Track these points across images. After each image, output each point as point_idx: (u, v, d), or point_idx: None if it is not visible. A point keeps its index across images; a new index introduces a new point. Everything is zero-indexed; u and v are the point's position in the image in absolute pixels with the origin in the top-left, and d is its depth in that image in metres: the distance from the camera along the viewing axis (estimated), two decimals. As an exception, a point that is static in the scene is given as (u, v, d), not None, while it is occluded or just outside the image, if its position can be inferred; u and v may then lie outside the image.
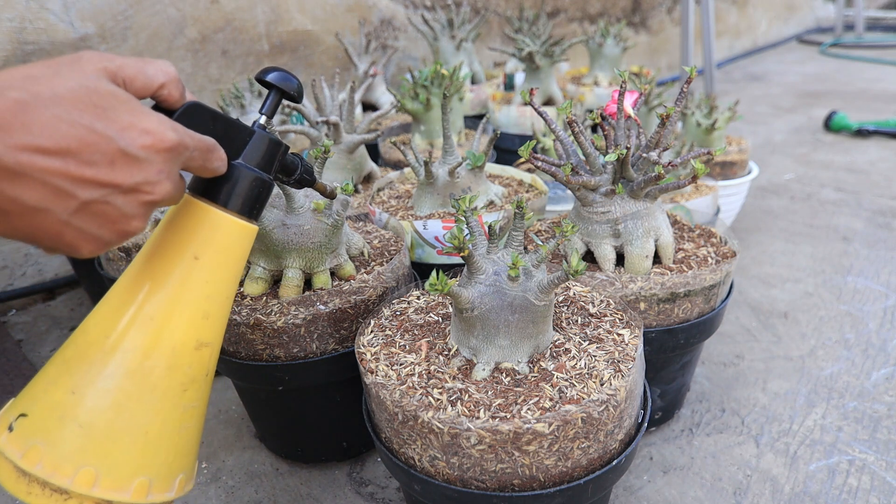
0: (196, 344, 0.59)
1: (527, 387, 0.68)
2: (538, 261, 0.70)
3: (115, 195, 0.46)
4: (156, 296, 0.57)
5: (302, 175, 0.70)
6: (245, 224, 0.60)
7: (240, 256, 0.61)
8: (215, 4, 1.83)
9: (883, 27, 5.37)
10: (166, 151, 0.48)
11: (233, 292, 0.62)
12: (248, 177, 0.59)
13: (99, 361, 0.55)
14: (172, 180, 0.50)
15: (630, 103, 0.91)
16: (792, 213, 1.93)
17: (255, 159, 0.60)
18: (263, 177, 0.61)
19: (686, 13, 2.92)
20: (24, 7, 1.45)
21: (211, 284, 0.59)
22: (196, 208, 0.58)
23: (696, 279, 0.89)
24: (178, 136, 0.49)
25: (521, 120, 1.83)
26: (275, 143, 0.62)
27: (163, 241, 0.58)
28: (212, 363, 0.61)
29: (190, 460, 0.62)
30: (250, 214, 0.61)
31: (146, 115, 0.48)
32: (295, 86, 0.64)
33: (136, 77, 0.51)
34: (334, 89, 1.28)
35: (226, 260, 0.60)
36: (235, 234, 0.60)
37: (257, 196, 0.61)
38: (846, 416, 1.08)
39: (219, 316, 0.61)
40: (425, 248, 1.07)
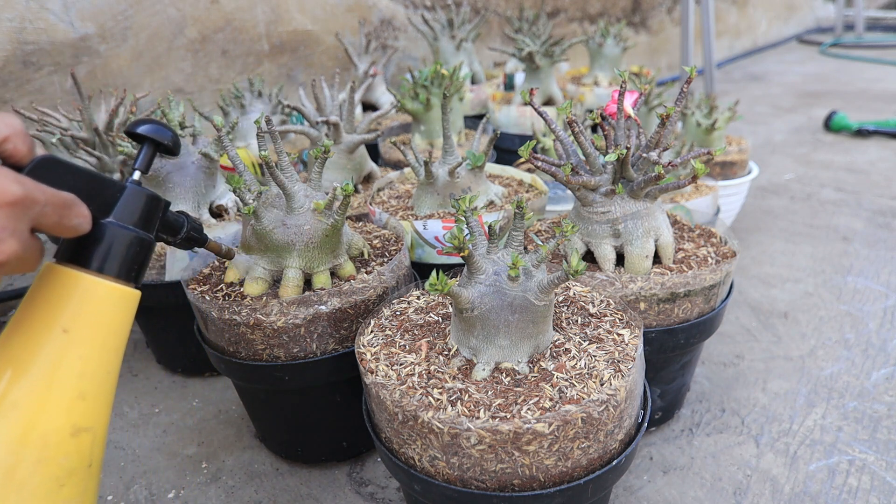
0: (72, 430, 0.51)
1: (527, 387, 0.68)
2: (538, 261, 0.70)
3: None
4: (20, 379, 0.49)
5: (189, 233, 0.66)
6: (122, 288, 0.55)
7: (119, 325, 0.55)
8: (215, 4, 1.83)
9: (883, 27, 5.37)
10: (9, 206, 0.43)
11: (115, 366, 0.55)
12: (122, 235, 0.55)
13: None
14: (20, 239, 0.44)
15: (630, 103, 0.91)
16: (792, 213, 1.93)
17: (128, 216, 0.55)
18: (140, 235, 0.56)
19: (686, 13, 2.92)
20: (24, 7, 1.45)
21: (85, 360, 0.52)
22: (63, 276, 0.52)
23: (696, 279, 0.89)
24: (23, 190, 0.43)
25: (521, 120, 1.83)
26: (152, 199, 0.58)
27: (27, 316, 0.51)
28: (95, 451, 0.54)
29: None
30: (128, 277, 0.55)
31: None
32: (169, 137, 0.61)
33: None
34: (334, 89, 1.28)
35: (102, 331, 0.53)
36: (111, 300, 0.54)
37: (134, 257, 0.56)
38: (846, 416, 1.08)
39: (98, 395, 0.53)
40: (425, 248, 1.07)
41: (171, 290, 1.09)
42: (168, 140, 0.61)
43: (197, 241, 0.68)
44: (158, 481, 1.00)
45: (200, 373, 1.26)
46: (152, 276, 1.10)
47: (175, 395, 1.21)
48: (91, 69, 1.62)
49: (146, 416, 1.16)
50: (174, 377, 1.26)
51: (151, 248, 0.58)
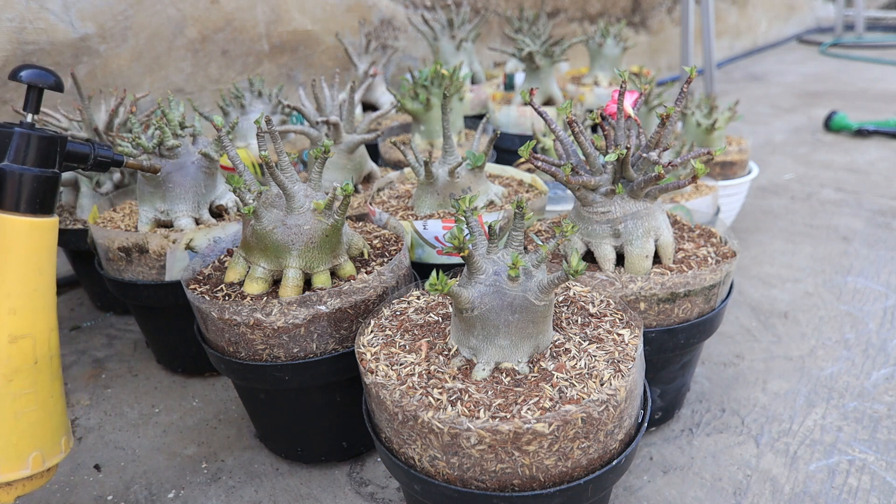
0: (9, 338, 0.64)
1: (527, 387, 0.68)
2: (538, 261, 0.70)
3: None
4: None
5: (97, 158, 0.72)
6: (29, 220, 0.64)
7: (36, 251, 0.65)
8: (215, 4, 1.83)
9: (883, 27, 5.37)
10: None
11: (42, 285, 0.66)
12: (18, 176, 0.62)
13: None
14: None
15: (630, 103, 0.91)
16: (792, 213, 1.93)
17: (24, 158, 0.63)
18: (36, 172, 0.63)
19: (686, 13, 2.92)
20: (24, 7, 1.45)
21: (9, 283, 0.63)
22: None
23: (696, 279, 0.89)
24: None
25: (521, 120, 1.83)
26: (43, 140, 0.65)
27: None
28: (39, 350, 0.66)
29: (43, 438, 0.67)
30: (34, 210, 0.64)
31: None
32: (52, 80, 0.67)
33: None
34: (334, 89, 1.28)
35: (18, 257, 0.64)
36: (22, 231, 0.63)
37: (35, 192, 0.63)
38: (846, 416, 1.08)
39: (29, 308, 0.65)
40: (425, 248, 1.07)
41: (171, 290, 1.09)
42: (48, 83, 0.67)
43: (110, 163, 0.74)
44: (158, 481, 1.00)
45: (200, 373, 1.26)
46: (152, 276, 1.10)
47: (175, 395, 1.21)
48: (91, 69, 1.62)
49: (146, 416, 1.16)
50: (174, 377, 1.26)
51: (54, 180, 0.65)
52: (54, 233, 0.68)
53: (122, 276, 1.12)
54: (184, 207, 1.10)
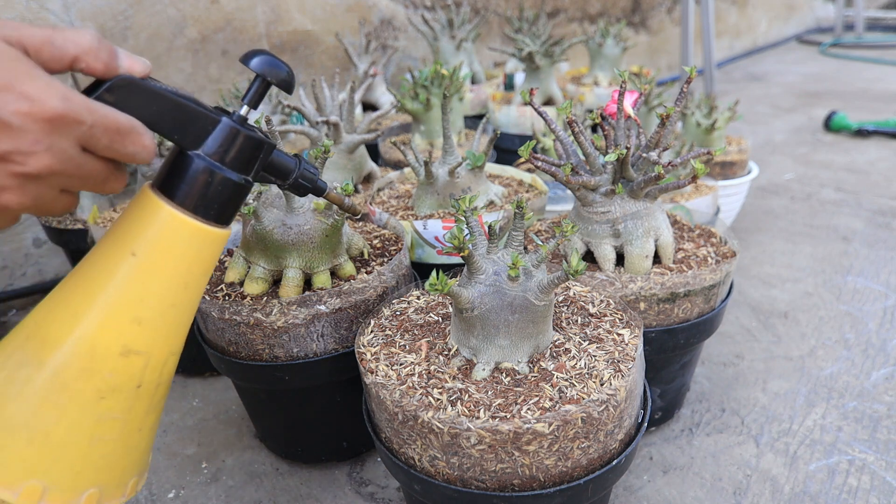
0: (122, 350, 0.52)
1: (527, 387, 0.68)
2: (538, 261, 0.70)
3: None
4: (84, 288, 0.51)
5: (298, 180, 0.60)
6: (200, 226, 0.52)
7: (192, 262, 0.53)
8: (215, 4, 1.83)
9: (883, 27, 5.37)
10: (46, 122, 0.42)
11: (183, 301, 0.54)
12: (206, 172, 0.51)
13: (19, 348, 0.51)
14: (55, 154, 0.43)
15: (630, 103, 0.91)
16: (792, 213, 1.93)
17: (220, 154, 0.52)
18: (227, 174, 0.52)
19: (686, 13, 2.92)
20: (24, 7, 1.45)
21: (146, 287, 0.52)
22: (148, 200, 0.52)
23: (696, 279, 0.89)
24: (64, 107, 0.42)
25: (521, 120, 1.82)
26: (251, 140, 0.53)
27: (111, 232, 0.53)
28: (148, 375, 0.54)
29: (110, 475, 0.54)
30: (208, 216, 0.53)
31: (32, 78, 0.42)
32: (283, 73, 0.55)
33: (41, 48, 0.45)
34: (334, 89, 1.28)
35: (170, 263, 0.52)
36: (184, 235, 0.52)
37: (216, 196, 0.52)
38: (846, 416, 1.08)
39: (158, 324, 0.53)
40: (425, 248, 1.07)
41: (171, 290, 1.09)
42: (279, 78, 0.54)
43: (310, 189, 0.61)
44: (158, 481, 1.00)
45: (200, 373, 1.26)
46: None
47: (175, 395, 1.21)
48: (91, 69, 1.61)
49: (146, 416, 1.16)
50: (174, 377, 1.27)
51: (242, 190, 0.53)
52: (220, 249, 0.55)
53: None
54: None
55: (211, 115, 0.51)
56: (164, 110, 0.49)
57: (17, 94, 0.41)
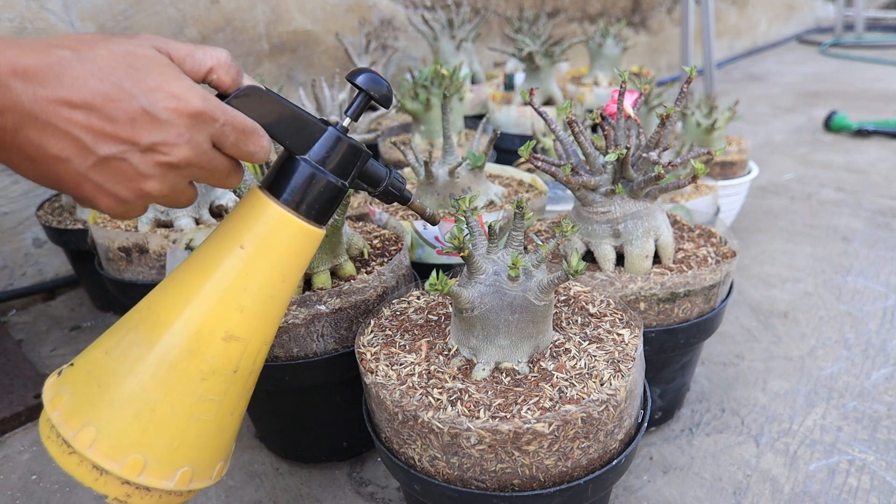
0: (224, 335, 0.57)
1: (527, 387, 0.68)
2: (538, 261, 0.70)
3: (133, 152, 0.47)
4: (194, 277, 0.57)
5: (388, 188, 0.65)
6: (300, 223, 0.58)
7: (292, 257, 0.59)
8: (215, 4, 1.83)
9: (883, 27, 5.37)
10: (189, 117, 0.48)
11: (280, 293, 0.59)
12: (310, 175, 0.57)
13: (132, 329, 0.56)
14: (193, 147, 0.50)
15: (630, 103, 0.91)
16: (792, 213, 1.93)
17: (324, 159, 0.58)
18: (329, 178, 0.58)
19: (686, 13, 2.92)
20: (24, 7, 1.45)
21: (251, 278, 0.57)
22: (257, 199, 0.58)
23: (696, 279, 0.89)
24: (204, 105, 0.49)
25: (521, 120, 1.82)
26: (351, 148, 0.59)
27: (221, 227, 0.59)
28: (244, 361, 0.59)
29: (201, 455, 0.59)
30: (309, 216, 0.58)
31: (178, 80, 0.48)
32: (384, 90, 0.61)
33: (184, 59, 0.52)
34: (334, 89, 1.28)
35: (273, 256, 0.58)
36: (288, 231, 0.58)
37: (317, 197, 0.58)
38: (846, 416, 1.08)
39: (257, 313, 0.58)
40: (425, 248, 1.07)
41: (171, 290, 1.09)
42: (381, 93, 0.61)
43: (396, 198, 0.67)
44: (158, 481, 1.00)
45: (200, 373, 1.26)
46: (153, 276, 1.09)
47: (175, 395, 1.21)
48: (91, 69, 1.61)
49: (146, 416, 1.16)
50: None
51: (340, 193, 0.59)
52: (316, 246, 0.61)
53: (123, 276, 1.12)
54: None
55: (319, 124, 0.58)
56: (282, 118, 0.56)
57: (166, 93, 0.47)
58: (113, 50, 0.47)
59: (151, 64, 0.48)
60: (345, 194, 0.60)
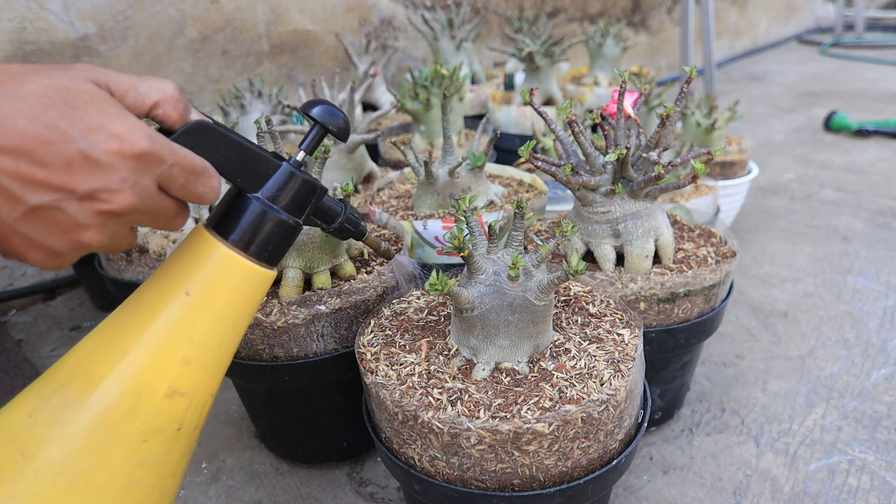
0: (167, 391, 0.51)
1: (527, 387, 0.68)
2: (538, 261, 0.70)
3: (69, 201, 0.42)
4: (133, 326, 0.51)
5: (343, 224, 0.63)
6: (251, 266, 0.54)
7: (242, 303, 0.54)
8: (215, 4, 1.83)
9: (883, 27, 5.37)
10: (133, 159, 0.43)
11: (229, 342, 0.55)
12: (263, 214, 0.53)
13: (61, 388, 0.49)
14: (138, 192, 0.44)
15: (630, 103, 0.91)
16: (792, 213, 1.93)
17: (277, 197, 0.54)
18: (282, 216, 0.54)
19: (686, 13, 2.92)
20: (24, 7, 1.45)
21: (197, 327, 0.52)
22: (203, 240, 0.53)
23: (696, 279, 0.89)
24: (150, 146, 0.44)
25: (521, 120, 1.82)
26: (306, 184, 0.56)
27: (162, 271, 0.53)
28: (189, 417, 0.53)
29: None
30: (261, 257, 0.54)
31: (121, 118, 0.44)
32: (340, 122, 0.58)
33: (126, 92, 0.47)
34: (334, 89, 1.28)
35: (222, 303, 0.53)
36: (238, 275, 0.53)
37: (271, 237, 0.54)
38: (846, 415, 1.08)
39: (204, 365, 0.53)
40: (425, 248, 1.07)
41: (171, 290, 1.09)
42: (337, 126, 0.58)
43: (352, 234, 0.66)
44: (158, 481, 1.00)
45: (200, 373, 1.26)
46: (152, 276, 1.09)
47: (175, 395, 1.21)
48: (91, 69, 1.61)
49: (146, 416, 1.16)
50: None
51: (294, 232, 0.56)
52: (266, 289, 0.57)
53: (123, 276, 1.12)
54: (184, 207, 1.10)
55: (272, 160, 0.54)
56: (233, 154, 0.52)
57: (107, 133, 0.43)
58: (45, 85, 0.42)
59: (90, 100, 0.43)
60: (298, 233, 0.57)
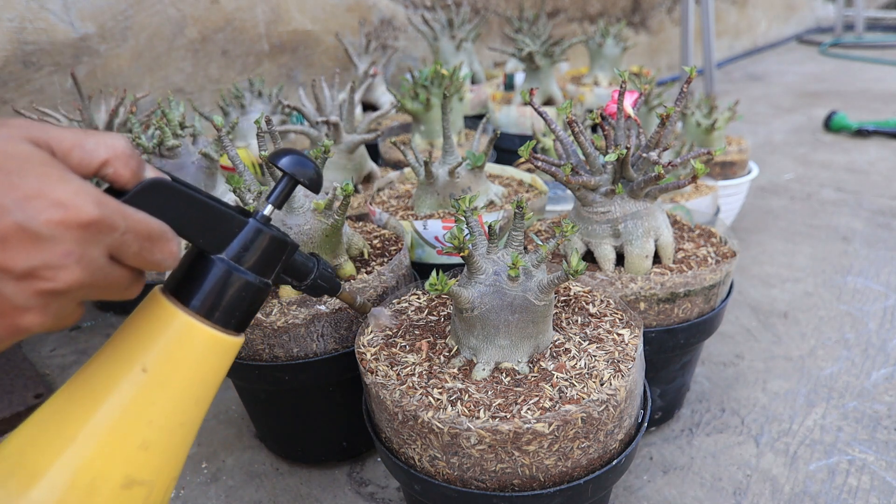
0: (124, 480, 0.45)
1: (527, 387, 0.68)
2: (538, 261, 0.70)
3: (3, 281, 0.36)
4: (83, 410, 0.45)
5: (316, 281, 0.58)
6: (218, 335, 0.48)
7: (207, 374, 0.49)
8: (215, 4, 1.83)
9: (883, 27, 5.37)
10: (80, 229, 0.38)
11: (192, 418, 0.49)
12: (229, 277, 0.48)
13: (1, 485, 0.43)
14: (86, 266, 0.39)
15: (630, 103, 0.91)
16: (792, 213, 1.93)
17: (244, 256, 0.49)
18: (250, 279, 0.49)
19: (686, 13, 2.92)
20: (24, 7, 1.45)
21: (157, 407, 0.46)
22: (160, 307, 0.47)
23: (696, 279, 0.89)
24: (99, 213, 0.38)
25: (521, 120, 1.83)
26: (276, 242, 0.51)
27: (115, 343, 0.47)
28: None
29: None
30: (227, 324, 0.49)
31: (64, 182, 0.38)
32: (311, 173, 0.53)
33: (70, 150, 0.41)
34: (334, 89, 1.28)
35: (185, 378, 0.47)
36: (203, 346, 0.48)
37: (238, 302, 0.49)
38: (846, 416, 1.08)
39: (165, 448, 0.47)
40: (425, 248, 1.07)
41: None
42: (308, 177, 0.53)
43: (326, 290, 0.60)
44: (158, 481, 1.00)
45: (200, 373, 1.26)
46: (152, 276, 1.09)
47: (175, 395, 1.21)
48: (91, 69, 1.62)
49: (146, 416, 1.16)
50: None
51: (263, 294, 0.51)
52: (233, 358, 0.51)
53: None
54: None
55: (237, 217, 0.49)
56: (194, 213, 0.46)
57: (48, 201, 0.37)
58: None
59: (26, 163, 0.37)
60: (267, 294, 0.51)
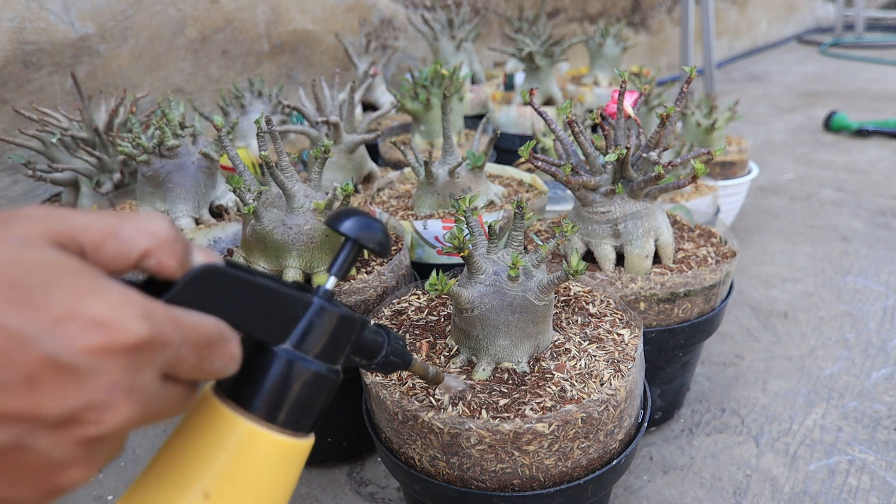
0: None
1: (527, 387, 0.68)
2: (538, 261, 0.70)
3: (36, 433, 0.28)
4: None
5: (389, 357, 0.49)
6: (286, 441, 0.40)
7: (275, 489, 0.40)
8: (215, 4, 1.83)
9: (883, 27, 5.37)
10: (126, 354, 0.29)
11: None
12: (297, 371, 0.40)
13: None
14: (137, 398, 0.30)
15: (630, 103, 0.91)
16: (792, 213, 1.93)
17: (310, 344, 0.41)
18: (321, 370, 0.41)
19: (686, 13, 2.92)
20: (24, 7, 1.45)
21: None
22: (216, 414, 0.39)
23: (696, 279, 0.89)
24: (148, 329, 0.30)
25: (521, 120, 1.83)
26: (346, 321, 0.42)
27: (168, 462, 0.39)
28: None
29: None
30: (296, 426, 0.41)
31: (99, 293, 0.29)
32: (379, 237, 0.44)
33: (102, 243, 0.32)
34: (334, 89, 1.28)
35: (251, 495, 0.39)
36: (273, 457, 0.40)
37: (307, 398, 0.41)
38: (846, 416, 1.08)
39: None
40: (425, 248, 1.07)
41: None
42: (376, 241, 0.44)
43: (399, 366, 0.52)
44: (158, 481, 1.00)
45: (200, 373, 1.26)
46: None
47: (175, 395, 1.21)
48: (91, 69, 1.62)
49: (146, 416, 1.16)
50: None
51: (333, 385, 0.42)
52: (304, 462, 0.42)
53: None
54: (184, 207, 1.10)
55: (300, 297, 0.41)
56: (251, 301, 0.38)
57: (83, 322, 0.28)
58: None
59: (52, 275, 0.28)
60: (338, 384, 0.43)
